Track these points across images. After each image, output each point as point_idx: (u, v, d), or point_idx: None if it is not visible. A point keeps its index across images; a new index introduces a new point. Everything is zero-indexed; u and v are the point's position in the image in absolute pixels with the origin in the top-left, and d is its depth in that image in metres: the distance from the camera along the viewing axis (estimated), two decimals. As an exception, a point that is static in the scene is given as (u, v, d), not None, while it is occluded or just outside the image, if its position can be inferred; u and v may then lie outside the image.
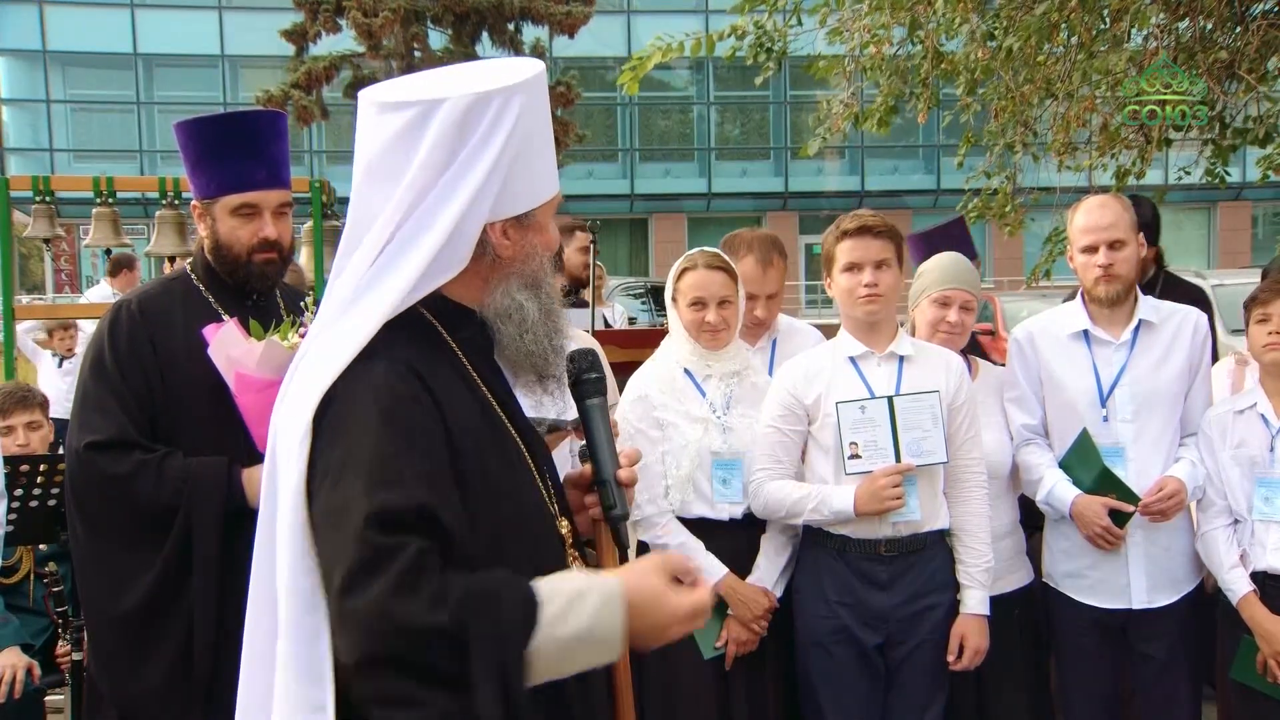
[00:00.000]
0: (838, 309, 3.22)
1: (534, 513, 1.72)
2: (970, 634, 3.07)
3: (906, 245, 4.94)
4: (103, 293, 8.64)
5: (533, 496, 1.73)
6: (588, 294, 5.79)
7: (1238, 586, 3.17)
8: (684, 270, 3.27)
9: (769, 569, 3.20)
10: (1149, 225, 4.13)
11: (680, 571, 1.62)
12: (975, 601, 3.09)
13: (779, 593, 3.19)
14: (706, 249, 3.35)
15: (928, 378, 3.11)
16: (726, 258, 3.31)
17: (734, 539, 3.20)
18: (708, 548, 3.13)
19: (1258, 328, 3.26)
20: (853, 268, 3.09)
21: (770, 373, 3.46)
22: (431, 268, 1.65)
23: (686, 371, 3.25)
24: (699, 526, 3.19)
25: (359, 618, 1.43)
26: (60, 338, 7.70)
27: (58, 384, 7.08)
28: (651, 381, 3.25)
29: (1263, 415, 3.24)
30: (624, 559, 1.82)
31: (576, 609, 1.49)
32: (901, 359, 3.15)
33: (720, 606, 3.14)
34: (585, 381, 1.76)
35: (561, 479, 1.88)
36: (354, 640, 1.44)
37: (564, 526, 1.78)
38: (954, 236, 4.42)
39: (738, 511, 3.20)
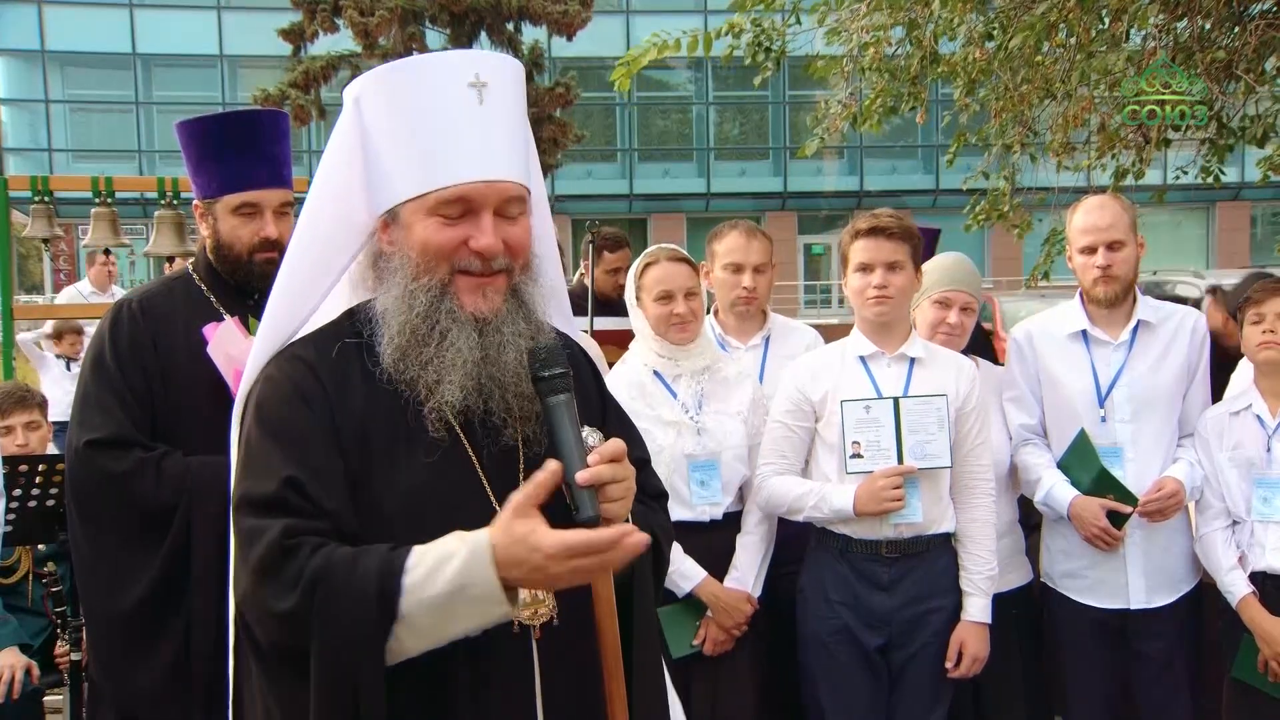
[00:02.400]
0: (837, 308, 3.22)
1: (437, 515, 1.63)
2: (970, 641, 3.05)
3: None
4: (79, 289, 8.76)
5: (439, 497, 1.66)
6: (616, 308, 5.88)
7: (1236, 588, 3.17)
8: (646, 266, 3.24)
9: (748, 570, 3.18)
10: None
11: (550, 488, 1.52)
12: (976, 609, 3.07)
13: (757, 593, 3.18)
14: (664, 245, 3.33)
15: (938, 380, 3.09)
16: (685, 253, 3.30)
17: (714, 540, 3.18)
18: (687, 550, 3.10)
19: (1252, 328, 3.26)
20: (864, 268, 3.08)
21: (762, 373, 3.45)
22: (323, 264, 1.81)
23: (656, 374, 3.22)
24: (678, 529, 3.15)
25: (243, 609, 1.62)
26: (72, 342, 7.70)
27: (67, 388, 6.97)
28: (621, 387, 3.15)
29: (1258, 416, 3.24)
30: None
31: (443, 569, 1.51)
32: (912, 360, 3.13)
33: (695, 606, 3.13)
34: (542, 379, 1.68)
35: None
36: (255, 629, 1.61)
37: None
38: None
39: (718, 513, 3.18)
